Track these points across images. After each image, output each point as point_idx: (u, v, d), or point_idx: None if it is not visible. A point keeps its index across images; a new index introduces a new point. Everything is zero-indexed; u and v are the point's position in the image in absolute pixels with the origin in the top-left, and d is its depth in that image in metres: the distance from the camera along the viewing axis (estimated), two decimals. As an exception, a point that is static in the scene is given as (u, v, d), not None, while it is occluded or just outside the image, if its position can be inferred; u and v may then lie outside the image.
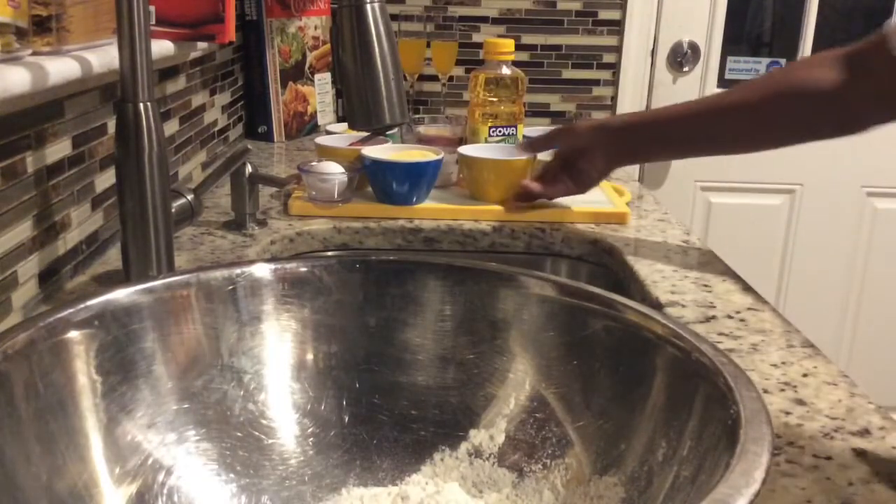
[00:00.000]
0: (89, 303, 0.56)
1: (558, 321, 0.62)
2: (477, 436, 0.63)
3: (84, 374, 0.54)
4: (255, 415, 0.62)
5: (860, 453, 0.61)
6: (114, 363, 0.56)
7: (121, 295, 0.58)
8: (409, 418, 0.64)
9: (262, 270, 0.64)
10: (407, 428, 0.64)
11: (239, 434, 0.61)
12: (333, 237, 1.14)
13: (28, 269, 0.78)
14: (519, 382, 0.63)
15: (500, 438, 0.62)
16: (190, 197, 0.95)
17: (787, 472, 0.58)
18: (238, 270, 0.64)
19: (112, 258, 0.96)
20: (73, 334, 0.54)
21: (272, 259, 0.75)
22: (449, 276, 0.65)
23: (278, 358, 0.64)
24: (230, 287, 0.63)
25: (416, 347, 0.65)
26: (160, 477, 0.56)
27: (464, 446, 0.63)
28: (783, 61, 2.16)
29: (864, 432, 0.64)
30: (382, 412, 0.64)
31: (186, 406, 0.59)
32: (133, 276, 0.82)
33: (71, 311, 0.54)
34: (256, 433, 0.62)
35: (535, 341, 0.63)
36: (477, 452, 0.62)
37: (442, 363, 0.65)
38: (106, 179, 0.96)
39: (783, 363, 0.76)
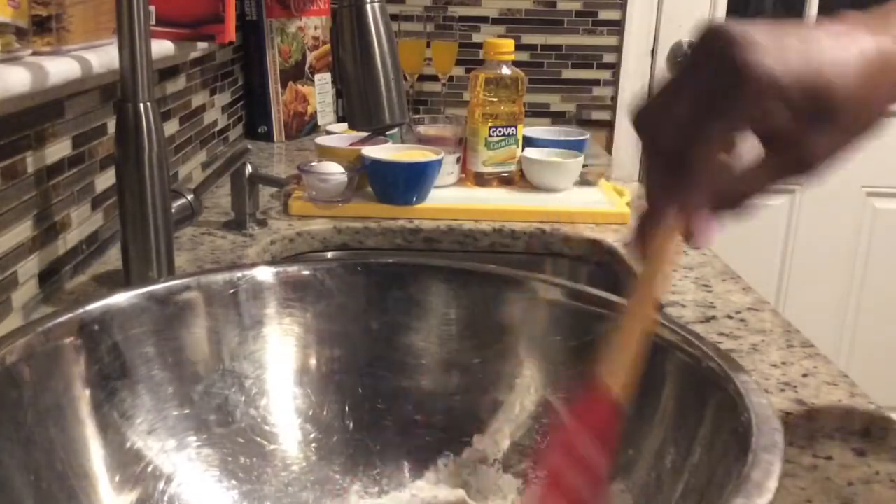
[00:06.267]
0: (89, 307, 0.55)
1: (565, 325, 0.62)
2: (482, 442, 0.62)
3: (83, 379, 0.53)
4: (256, 420, 0.61)
5: (860, 453, 0.61)
6: (113, 368, 0.55)
7: (121, 299, 0.57)
8: (412, 423, 0.63)
9: (264, 274, 0.64)
10: (410, 433, 0.63)
11: (240, 440, 0.60)
12: (333, 237, 1.13)
13: (28, 269, 0.78)
14: (525, 388, 0.62)
15: (506, 444, 0.61)
16: (190, 197, 0.95)
17: (787, 472, 0.58)
18: (239, 274, 0.63)
19: (112, 258, 0.96)
20: (73, 339, 0.53)
21: (274, 262, 0.75)
22: (453, 279, 0.64)
23: (280, 362, 0.63)
24: (231, 291, 0.62)
25: (420, 352, 0.65)
26: (160, 484, 0.55)
27: (468, 452, 0.62)
28: (784, 61, 2.16)
29: (864, 432, 0.64)
30: (386, 417, 0.64)
31: (187, 411, 0.58)
32: (133, 277, 0.81)
33: (70, 315, 0.54)
34: (258, 439, 0.61)
35: (541, 346, 0.63)
36: (482, 458, 0.62)
37: (446, 368, 0.64)
38: (106, 179, 0.96)
39: (783, 363, 0.76)
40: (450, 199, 1.22)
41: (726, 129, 0.42)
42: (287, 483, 0.61)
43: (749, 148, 0.43)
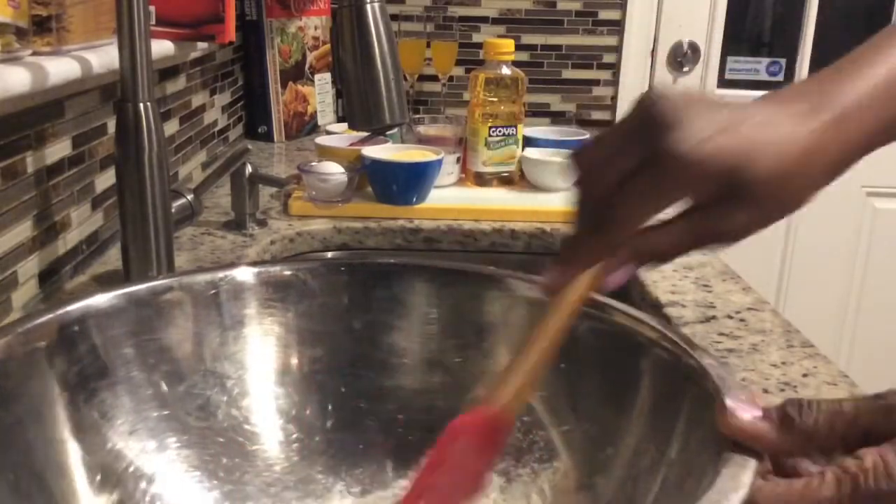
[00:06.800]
0: (68, 308, 0.54)
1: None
2: (464, 440, 0.62)
3: (63, 380, 0.53)
4: (238, 420, 0.61)
5: (860, 453, 0.61)
6: (94, 369, 0.55)
7: (101, 300, 0.57)
8: (395, 423, 0.63)
9: (246, 274, 0.63)
10: (393, 432, 0.63)
11: (222, 440, 0.60)
12: (333, 237, 1.14)
13: (28, 269, 0.79)
14: (506, 386, 0.62)
15: (487, 443, 0.62)
16: (190, 197, 0.95)
17: (785, 472, 0.58)
18: (221, 274, 0.62)
19: (112, 258, 0.96)
20: (52, 340, 0.53)
21: (256, 262, 0.75)
22: (435, 278, 0.64)
23: (262, 362, 0.63)
24: (213, 291, 0.62)
25: (402, 351, 0.64)
26: (141, 485, 0.55)
27: (451, 450, 0.62)
28: (783, 61, 2.16)
29: (864, 433, 0.64)
30: (368, 417, 0.63)
31: (168, 412, 0.58)
32: (133, 277, 0.82)
33: (50, 316, 0.53)
34: (240, 439, 0.60)
35: (522, 344, 0.63)
36: None
37: (428, 366, 0.64)
38: (106, 179, 0.97)
39: (783, 363, 0.76)
40: (450, 199, 1.23)
41: (649, 200, 0.45)
42: (269, 483, 0.60)
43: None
